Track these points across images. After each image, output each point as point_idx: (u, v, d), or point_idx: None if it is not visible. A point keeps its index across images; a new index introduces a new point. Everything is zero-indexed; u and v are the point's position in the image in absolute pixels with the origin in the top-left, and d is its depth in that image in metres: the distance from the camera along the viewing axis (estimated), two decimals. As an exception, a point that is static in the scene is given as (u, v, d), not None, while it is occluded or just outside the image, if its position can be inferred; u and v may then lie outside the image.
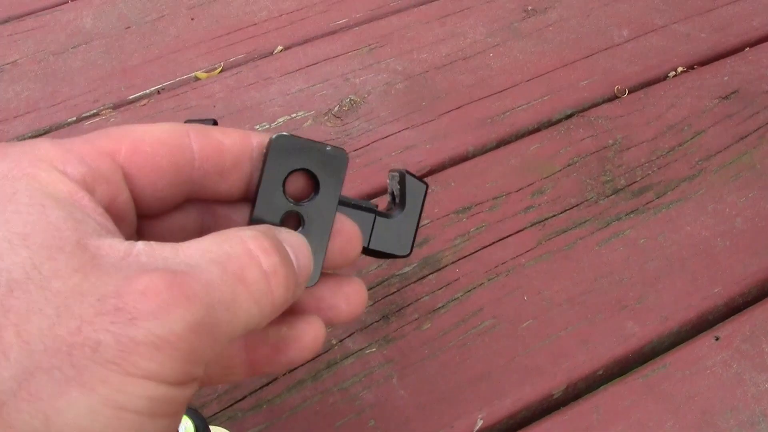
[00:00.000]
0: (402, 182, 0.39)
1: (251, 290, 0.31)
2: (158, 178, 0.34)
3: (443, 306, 0.69)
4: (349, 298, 0.39)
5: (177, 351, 0.28)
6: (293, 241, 0.35)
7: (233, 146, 0.36)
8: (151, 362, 0.27)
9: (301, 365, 0.65)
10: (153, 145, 0.34)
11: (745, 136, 0.84)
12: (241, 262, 0.31)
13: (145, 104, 0.91)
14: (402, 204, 0.39)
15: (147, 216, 0.36)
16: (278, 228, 0.35)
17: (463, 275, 0.71)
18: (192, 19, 1.04)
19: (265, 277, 0.32)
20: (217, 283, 0.30)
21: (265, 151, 0.36)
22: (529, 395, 0.64)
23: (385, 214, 0.39)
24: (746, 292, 0.71)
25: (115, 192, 0.33)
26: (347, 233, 0.38)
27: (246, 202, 0.38)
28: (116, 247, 0.29)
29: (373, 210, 0.39)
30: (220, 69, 0.96)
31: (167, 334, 0.28)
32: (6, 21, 1.06)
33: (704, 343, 0.67)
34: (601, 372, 0.66)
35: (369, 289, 0.70)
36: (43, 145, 0.31)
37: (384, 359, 0.66)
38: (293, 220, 0.38)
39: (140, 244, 0.30)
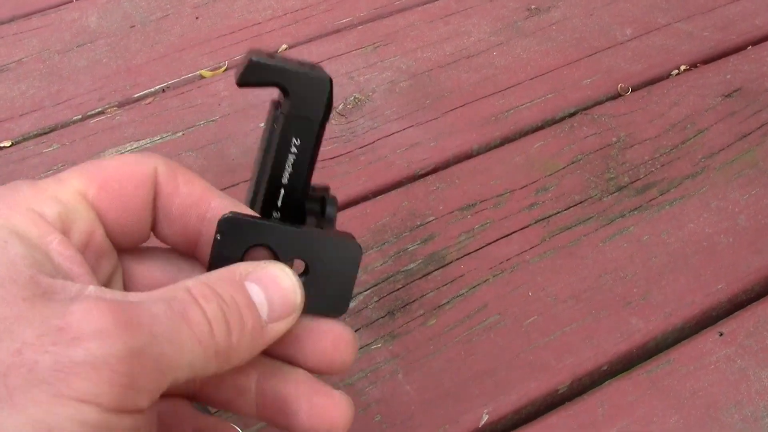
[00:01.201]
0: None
1: (194, 330, 0.31)
2: (125, 214, 0.34)
3: (448, 302, 0.70)
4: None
5: (115, 374, 0.28)
6: (263, 276, 0.35)
7: (185, 199, 0.36)
8: (87, 383, 0.27)
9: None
10: (120, 182, 0.34)
11: (748, 134, 0.85)
12: (184, 303, 0.31)
13: (150, 102, 0.92)
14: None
15: (125, 249, 0.36)
16: (252, 263, 0.35)
17: (467, 272, 0.72)
18: (197, 17, 1.05)
19: (208, 320, 0.32)
20: (162, 318, 0.30)
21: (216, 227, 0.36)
22: (534, 391, 0.64)
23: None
24: (749, 289, 0.72)
25: (91, 228, 0.33)
26: (336, 338, 0.38)
27: None
28: (69, 287, 0.30)
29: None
30: (224, 67, 0.97)
31: (107, 356, 0.28)
32: (11, 20, 1.06)
33: (708, 338, 0.67)
34: (605, 367, 0.66)
35: (374, 285, 0.71)
36: (22, 187, 0.32)
37: (390, 355, 0.66)
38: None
39: (92, 287, 0.30)
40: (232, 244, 0.35)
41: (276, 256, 0.37)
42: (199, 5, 1.07)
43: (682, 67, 0.94)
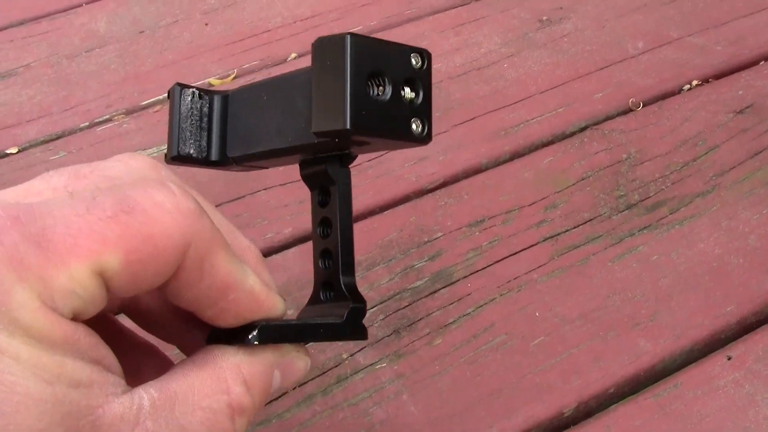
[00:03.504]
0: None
1: None
2: (137, 285, 0.31)
3: (455, 321, 0.69)
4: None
5: None
6: (288, 366, 0.36)
7: (203, 291, 0.33)
8: None
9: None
10: (147, 259, 0.30)
11: (760, 152, 0.84)
12: (223, 429, 0.33)
13: (158, 110, 0.91)
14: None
15: None
16: (282, 354, 0.36)
17: (475, 290, 0.71)
18: (206, 24, 1.04)
19: (233, 427, 0.33)
20: None
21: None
22: (540, 413, 0.64)
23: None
24: (759, 311, 0.71)
25: (101, 307, 0.31)
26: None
27: None
28: (126, 414, 0.30)
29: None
30: (234, 75, 0.96)
31: None
32: (20, 24, 1.06)
33: (716, 362, 0.67)
34: (612, 390, 0.66)
35: (380, 303, 0.70)
36: (28, 258, 0.28)
37: (395, 375, 0.65)
38: None
39: (146, 404, 0.30)
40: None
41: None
42: (209, 12, 1.06)
43: (694, 82, 0.93)
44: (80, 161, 0.83)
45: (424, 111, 0.37)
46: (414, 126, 0.37)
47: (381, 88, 0.36)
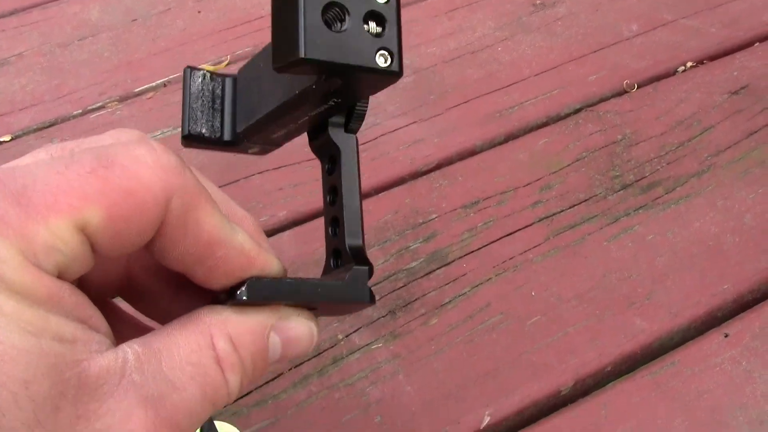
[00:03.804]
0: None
1: (217, 405, 0.32)
2: (119, 245, 0.30)
3: (450, 301, 0.69)
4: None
5: None
6: (288, 332, 0.34)
7: (188, 248, 0.31)
8: None
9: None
10: (128, 214, 0.29)
11: (755, 132, 0.84)
12: (215, 385, 0.32)
13: (151, 97, 0.91)
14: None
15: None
16: (280, 314, 0.34)
17: (470, 270, 0.71)
18: (198, 11, 1.04)
19: (228, 392, 0.32)
20: (197, 409, 0.31)
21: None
22: (537, 392, 0.64)
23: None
24: (755, 289, 0.71)
25: (86, 266, 0.30)
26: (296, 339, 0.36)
27: None
28: (111, 367, 0.29)
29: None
30: (227, 62, 0.96)
31: None
32: (12, 13, 1.05)
33: (713, 340, 0.66)
34: (609, 369, 0.65)
35: (375, 284, 0.70)
36: (8, 215, 0.27)
37: (390, 355, 0.65)
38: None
39: (131, 357, 0.30)
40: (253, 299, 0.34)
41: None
42: (202, -1, 1.06)
43: (689, 64, 0.93)
44: (73, 148, 0.83)
45: (391, 43, 0.36)
46: (381, 60, 0.35)
47: (341, 23, 0.35)
